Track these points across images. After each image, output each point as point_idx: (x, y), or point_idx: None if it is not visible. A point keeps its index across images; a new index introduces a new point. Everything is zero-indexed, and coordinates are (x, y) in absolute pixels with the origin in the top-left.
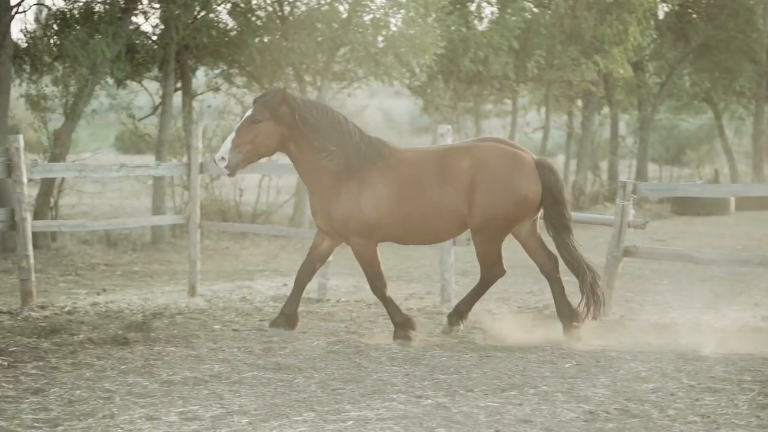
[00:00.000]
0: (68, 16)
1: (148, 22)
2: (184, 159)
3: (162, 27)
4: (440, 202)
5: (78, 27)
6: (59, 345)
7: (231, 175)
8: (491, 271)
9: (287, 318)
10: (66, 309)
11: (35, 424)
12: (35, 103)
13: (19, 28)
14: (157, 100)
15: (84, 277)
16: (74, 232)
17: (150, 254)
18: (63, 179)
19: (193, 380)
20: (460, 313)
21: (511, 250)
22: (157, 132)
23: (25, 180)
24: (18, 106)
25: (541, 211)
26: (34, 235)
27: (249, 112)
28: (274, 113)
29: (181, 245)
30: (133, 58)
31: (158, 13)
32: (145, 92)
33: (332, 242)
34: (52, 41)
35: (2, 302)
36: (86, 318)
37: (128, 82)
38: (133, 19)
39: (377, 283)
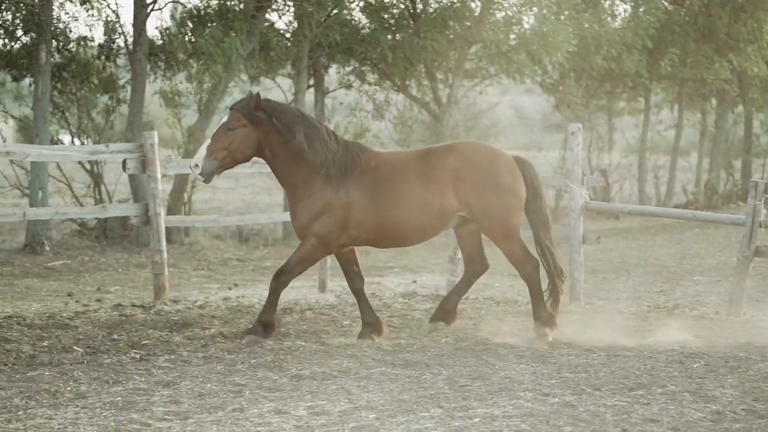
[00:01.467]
0: (203, 13)
1: (282, 19)
2: None
3: (295, 25)
4: (424, 202)
5: (213, 24)
6: (191, 339)
7: (206, 182)
8: (528, 266)
9: (373, 325)
10: (198, 303)
11: (166, 417)
12: (170, 99)
13: (154, 26)
14: (290, 97)
15: (216, 272)
16: (207, 227)
17: (281, 250)
18: None
19: (321, 375)
20: (542, 319)
21: (638, 249)
22: None
23: (159, 176)
24: (153, 103)
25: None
26: (168, 230)
27: (224, 119)
28: (250, 119)
29: None
30: (267, 56)
31: (292, 10)
32: (278, 89)
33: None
34: (186, 38)
35: (136, 296)
36: (218, 312)
37: (262, 78)
38: (267, 16)
39: (284, 278)
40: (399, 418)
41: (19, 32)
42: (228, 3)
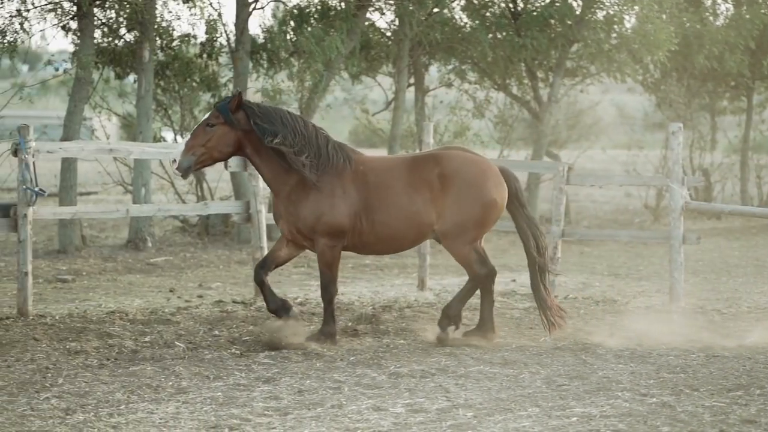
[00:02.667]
0: (305, 12)
1: (382, 18)
2: None
3: (396, 23)
4: (409, 209)
5: (314, 23)
6: (293, 335)
7: (183, 177)
8: (480, 274)
9: (282, 311)
10: (298, 300)
11: (266, 412)
12: (271, 97)
13: (256, 24)
14: (391, 96)
15: (316, 270)
16: None
17: None
18: None
19: (420, 373)
20: (449, 317)
21: (739, 249)
22: (390, 127)
23: None
24: (254, 100)
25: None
26: (269, 227)
27: (206, 116)
28: (227, 118)
29: None
30: (368, 54)
31: (393, 9)
32: (378, 87)
33: (293, 250)
34: (288, 37)
35: (237, 292)
36: (317, 310)
37: (362, 77)
38: (368, 15)
39: (330, 287)
40: (496, 417)
41: (123, 30)
42: (329, 2)
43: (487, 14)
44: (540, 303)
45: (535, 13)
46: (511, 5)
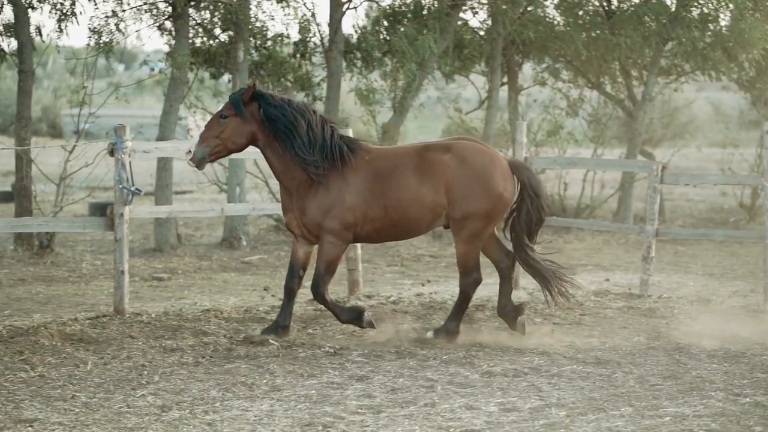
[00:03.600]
0: (398, 12)
1: (475, 17)
2: (510, 153)
3: (489, 22)
4: (418, 196)
5: (407, 23)
6: (383, 333)
7: (199, 168)
8: (470, 277)
9: (282, 329)
10: (391, 299)
11: (359, 410)
12: (365, 96)
13: (350, 24)
14: (484, 94)
15: (409, 268)
16: None
17: None
18: None
19: (512, 372)
20: (449, 332)
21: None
22: (483, 126)
23: None
24: (348, 100)
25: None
26: None
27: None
28: (239, 110)
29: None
30: (461, 53)
31: (486, 8)
32: (472, 86)
33: (307, 246)
34: (381, 37)
35: (330, 291)
36: (410, 308)
37: (455, 76)
38: (461, 15)
39: (320, 289)
40: (589, 416)
41: (218, 31)
42: (422, 1)
43: (581, 12)
44: (539, 278)
45: (629, 12)
46: (605, 3)
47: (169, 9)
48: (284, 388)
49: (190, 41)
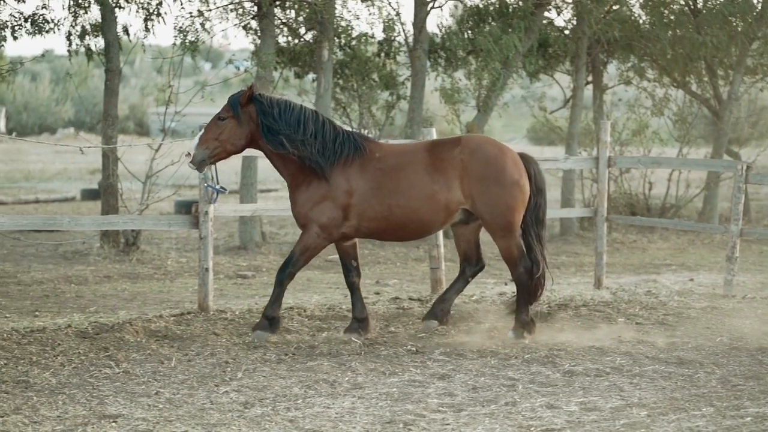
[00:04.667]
0: (483, 11)
1: (560, 16)
2: (594, 152)
3: (574, 21)
4: (428, 193)
5: (492, 22)
6: (467, 332)
7: (199, 170)
8: (519, 267)
9: (360, 323)
10: (474, 297)
11: (440, 408)
12: (449, 96)
13: (435, 23)
14: (569, 93)
15: (492, 267)
16: None
17: (558, 246)
18: None
19: (594, 371)
20: (525, 324)
21: None
22: (567, 125)
23: None
24: (432, 99)
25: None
26: None
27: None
28: (235, 113)
29: (588, 237)
30: (545, 52)
31: (571, 7)
32: (557, 85)
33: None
34: (466, 36)
35: (413, 289)
36: (492, 307)
37: (540, 75)
38: (546, 13)
39: (290, 269)
40: (670, 416)
41: (302, 30)
42: (507, 0)
43: (666, 11)
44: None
45: (714, 10)
46: (690, 2)
47: (255, 8)
48: (366, 385)
49: (275, 40)
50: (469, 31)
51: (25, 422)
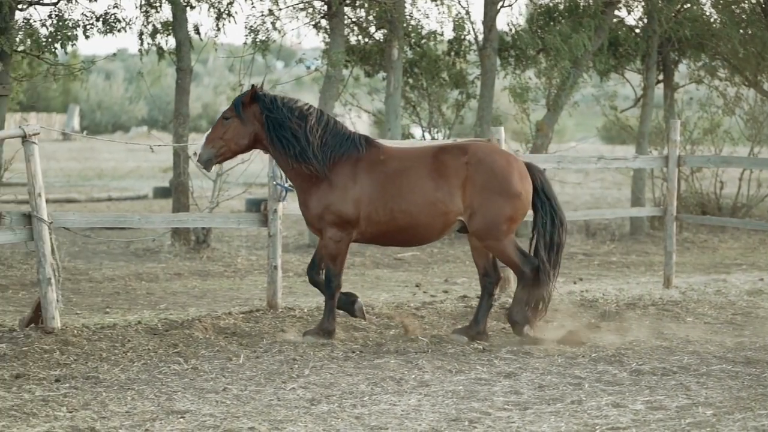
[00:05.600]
0: (553, 9)
1: (631, 15)
2: (664, 151)
3: (645, 20)
4: (431, 199)
5: (562, 21)
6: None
7: (206, 169)
8: (521, 267)
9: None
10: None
11: (506, 406)
12: (518, 94)
13: (504, 22)
14: (639, 92)
15: (562, 266)
16: None
17: (628, 245)
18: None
19: (661, 370)
20: (527, 320)
21: None
22: (638, 124)
23: None
24: (502, 98)
25: None
26: None
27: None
28: (238, 112)
29: (658, 237)
30: (616, 51)
31: (641, 6)
32: (627, 84)
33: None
34: (536, 35)
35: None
36: (561, 306)
37: (611, 74)
38: (616, 12)
39: (333, 282)
40: (736, 415)
41: (372, 29)
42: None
43: (738, 10)
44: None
45: None
46: (762, 1)
47: (325, 7)
48: (432, 383)
49: (346, 39)
50: (539, 30)
51: (94, 417)
